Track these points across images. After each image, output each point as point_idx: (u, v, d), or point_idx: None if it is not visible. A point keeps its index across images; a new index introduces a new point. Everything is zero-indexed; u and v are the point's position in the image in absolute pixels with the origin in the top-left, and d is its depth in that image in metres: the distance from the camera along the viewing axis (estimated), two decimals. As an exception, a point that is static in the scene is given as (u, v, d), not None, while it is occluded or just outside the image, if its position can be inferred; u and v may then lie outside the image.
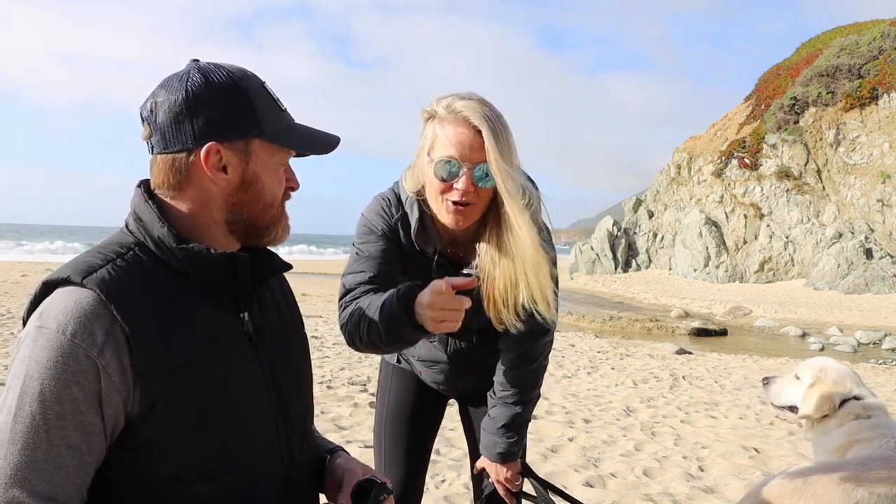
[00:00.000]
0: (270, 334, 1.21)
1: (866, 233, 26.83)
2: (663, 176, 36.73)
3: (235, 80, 1.12)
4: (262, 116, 1.13)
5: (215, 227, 1.15)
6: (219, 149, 1.10)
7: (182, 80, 1.10)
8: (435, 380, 2.03)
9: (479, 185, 1.60)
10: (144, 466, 1.04)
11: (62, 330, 0.98)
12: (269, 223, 1.18)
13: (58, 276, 1.04)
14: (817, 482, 1.88)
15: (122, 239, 1.12)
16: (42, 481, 0.95)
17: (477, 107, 1.58)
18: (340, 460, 1.31)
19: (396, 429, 2.07)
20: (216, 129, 1.10)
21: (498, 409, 1.88)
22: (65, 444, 0.97)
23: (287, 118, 1.18)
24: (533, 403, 1.92)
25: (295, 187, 1.21)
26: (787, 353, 12.04)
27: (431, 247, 1.76)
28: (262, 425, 1.14)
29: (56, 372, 0.97)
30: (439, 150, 1.61)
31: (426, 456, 2.12)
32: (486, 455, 1.92)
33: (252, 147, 1.13)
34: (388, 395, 2.11)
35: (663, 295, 24.41)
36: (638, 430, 5.24)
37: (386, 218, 1.77)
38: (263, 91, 1.15)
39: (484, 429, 1.92)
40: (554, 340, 1.97)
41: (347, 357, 7.83)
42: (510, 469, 1.91)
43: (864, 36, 32.38)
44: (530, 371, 1.86)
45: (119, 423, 1.02)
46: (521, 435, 1.90)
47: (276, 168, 1.17)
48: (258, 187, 1.14)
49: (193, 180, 1.12)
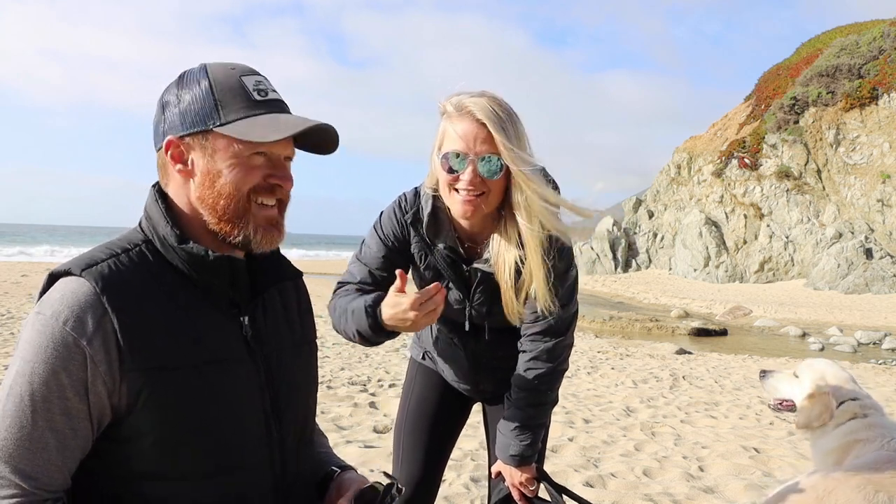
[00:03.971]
0: (272, 340, 1.20)
1: (866, 233, 26.83)
2: (663, 176, 36.74)
3: (207, 74, 1.13)
4: (224, 108, 1.10)
5: (201, 227, 1.15)
6: (177, 143, 1.12)
7: (172, 82, 1.16)
8: (455, 378, 2.04)
9: (486, 176, 1.64)
10: (130, 461, 1.05)
11: (56, 317, 1.01)
12: (233, 217, 1.12)
13: (61, 267, 1.08)
14: (837, 490, 1.87)
15: (132, 236, 1.14)
16: (25, 459, 0.99)
17: (484, 103, 1.62)
18: (350, 475, 1.29)
19: (417, 427, 2.07)
20: (176, 123, 1.12)
21: (512, 411, 1.87)
22: (48, 426, 1.00)
23: (261, 109, 1.12)
24: (549, 407, 1.90)
25: (282, 184, 1.15)
26: (787, 353, 12.05)
27: (442, 241, 1.80)
28: (252, 429, 1.14)
29: (46, 356, 1.00)
30: (447, 145, 1.66)
31: (445, 456, 2.12)
32: (500, 457, 1.91)
33: (209, 139, 1.11)
34: (411, 393, 2.13)
35: (663, 295, 24.41)
36: (638, 430, 5.24)
37: (395, 220, 1.83)
38: (235, 82, 1.12)
39: (499, 430, 1.91)
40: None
41: (347, 357, 7.83)
42: (525, 473, 1.89)
43: (864, 36, 32.39)
44: (547, 374, 1.84)
45: (105, 414, 1.03)
46: (535, 438, 1.87)
47: (242, 160, 1.11)
48: (221, 180, 1.11)
49: (171, 176, 1.15)
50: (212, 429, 1.08)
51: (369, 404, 5.55)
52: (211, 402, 1.08)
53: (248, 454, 1.13)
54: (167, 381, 1.04)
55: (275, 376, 1.19)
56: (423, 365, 2.12)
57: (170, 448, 1.05)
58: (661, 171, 37.29)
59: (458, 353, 1.97)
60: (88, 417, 1.02)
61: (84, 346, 1.00)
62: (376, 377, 6.70)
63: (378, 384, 6.39)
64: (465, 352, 1.96)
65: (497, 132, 1.60)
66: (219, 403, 1.09)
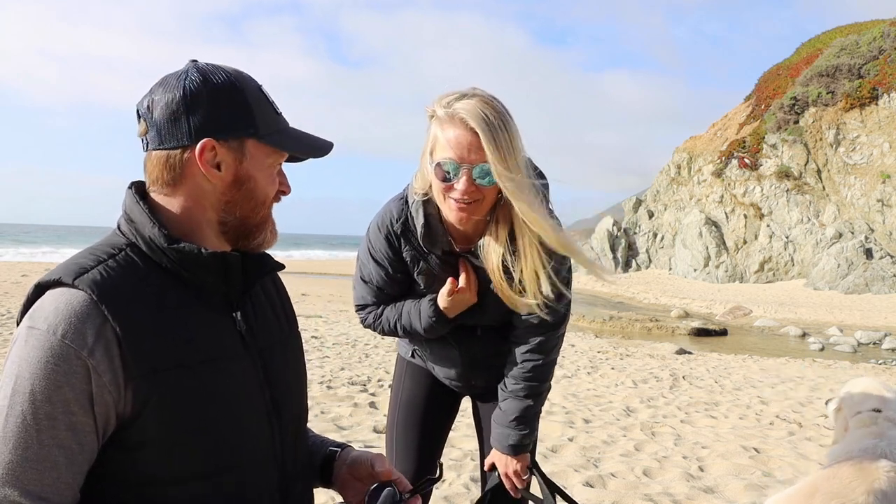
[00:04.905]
0: (264, 334, 1.21)
1: (866, 233, 26.83)
2: (663, 176, 36.74)
3: (233, 80, 1.14)
4: (258, 117, 1.14)
5: (207, 226, 1.15)
6: (214, 145, 1.11)
7: (180, 78, 1.12)
8: (447, 375, 2.06)
9: (480, 183, 1.62)
10: (137, 467, 1.04)
11: (53, 331, 0.98)
12: (259, 223, 1.19)
13: (49, 277, 1.05)
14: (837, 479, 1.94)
15: (114, 240, 1.12)
16: (33, 480, 0.96)
17: (476, 107, 1.58)
18: (357, 453, 1.31)
19: (408, 424, 2.10)
20: (212, 126, 1.11)
21: (509, 403, 1.90)
22: (55, 444, 0.97)
23: (282, 121, 1.20)
24: (544, 396, 1.94)
25: (286, 191, 1.22)
26: (787, 353, 12.04)
27: (439, 248, 1.81)
28: (256, 426, 1.14)
29: (46, 372, 0.97)
30: (439, 152, 1.63)
31: (437, 452, 2.14)
32: (496, 447, 1.93)
33: (246, 146, 1.14)
34: (401, 390, 2.14)
35: (663, 295, 24.41)
36: (638, 430, 5.24)
37: (383, 235, 1.84)
38: (260, 93, 1.17)
39: (495, 421, 1.94)
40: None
41: (347, 357, 7.83)
42: (520, 461, 1.92)
43: (864, 36, 32.38)
44: (542, 365, 1.88)
45: (111, 423, 1.02)
46: (532, 427, 1.91)
47: (269, 169, 1.18)
48: (251, 186, 1.15)
49: (187, 177, 1.12)
50: (216, 428, 1.08)
51: (369, 404, 5.55)
52: (213, 401, 1.08)
53: (253, 451, 1.13)
54: (170, 385, 1.03)
55: (271, 371, 1.19)
56: (411, 363, 2.14)
57: (176, 451, 1.04)
58: (660, 171, 37.28)
59: (453, 351, 1.98)
60: (94, 430, 1.00)
61: (85, 357, 0.98)
62: (376, 377, 6.70)
63: (378, 384, 6.38)
64: (459, 350, 1.97)
65: (488, 143, 1.56)
66: (221, 402, 1.09)
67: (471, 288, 1.80)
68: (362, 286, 1.95)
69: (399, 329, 1.92)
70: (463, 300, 1.82)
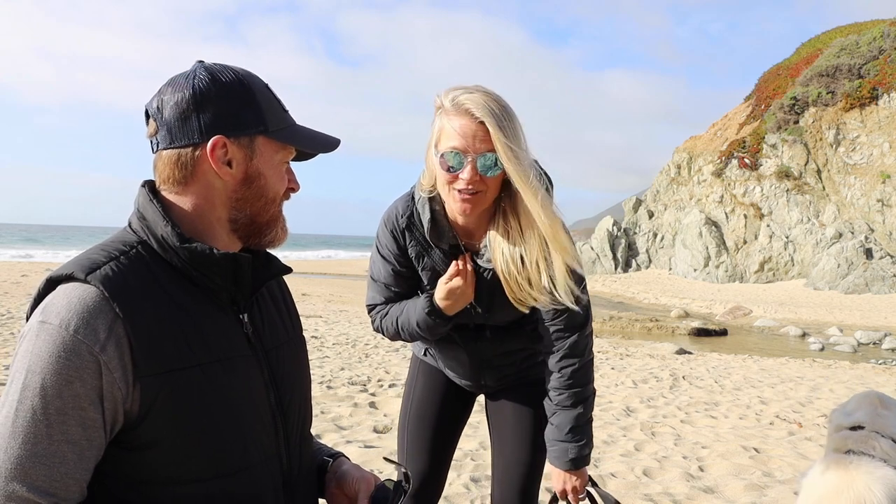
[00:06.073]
0: (269, 336, 1.21)
1: (866, 233, 26.84)
2: (663, 176, 36.74)
3: (241, 78, 1.15)
4: (267, 115, 1.15)
5: (219, 225, 1.16)
6: (225, 143, 1.12)
7: (189, 78, 1.13)
8: (457, 375, 2.06)
9: (485, 173, 1.64)
10: (144, 466, 1.04)
11: (65, 325, 0.98)
12: (269, 220, 1.19)
13: (61, 272, 1.04)
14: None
15: (126, 237, 1.12)
16: (42, 476, 0.96)
17: (481, 98, 1.61)
18: (347, 467, 1.31)
19: (420, 423, 2.09)
20: (222, 124, 1.11)
21: (559, 416, 1.86)
22: (65, 439, 0.97)
23: (289, 118, 1.21)
24: (591, 400, 1.89)
25: (295, 188, 1.23)
26: (787, 353, 12.05)
27: (445, 243, 1.81)
28: (262, 426, 1.14)
29: (58, 367, 0.97)
30: (445, 142, 1.65)
31: (449, 451, 2.13)
32: (556, 465, 1.88)
33: (256, 143, 1.15)
34: (413, 389, 2.14)
35: (663, 295, 24.41)
36: (638, 430, 5.24)
37: (389, 231, 1.85)
38: (268, 91, 1.18)
39: (549, 439, 1.89)
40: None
41: (347, 357, 7.83)
42: (579, 477, 1.88)
43: (864, 36, 32.39)
44: (579, 368, 1.84)
45: (118, 421, 1.02)
46: (588, 437, 1.87)
47: (279, 166, 1.18)
48: (261, 183, 1.16)
49: (198, 175, 1.12)
50: (223, 428, 1.08)
51: (369, 404, 5.55)
52: (221, 401, 1.08)
53: (259, 452, 1.14)
54: (179, 384, 1.03)
55: (277, 372, 1.19)
56: (424, 361, 2.14)
57: (182, 450, 1.04)
58: (661, 170, 37.28)
59: (461, 351, 1.98)
60: (103, 426, 1.00)
61: (97, 353, 0.98)
62: (376, 377, 6.70)
63: (378, 384, 6.38)
64: (467, 350, 1.97)
65: (495, 130, 1.59)
66: (229, 402, 1.09)
67: (467, 280, 1.77)
68: (372, 285, 1.96)
69: (399, 328, 1.90)
70: (459, 294, 1.78)
